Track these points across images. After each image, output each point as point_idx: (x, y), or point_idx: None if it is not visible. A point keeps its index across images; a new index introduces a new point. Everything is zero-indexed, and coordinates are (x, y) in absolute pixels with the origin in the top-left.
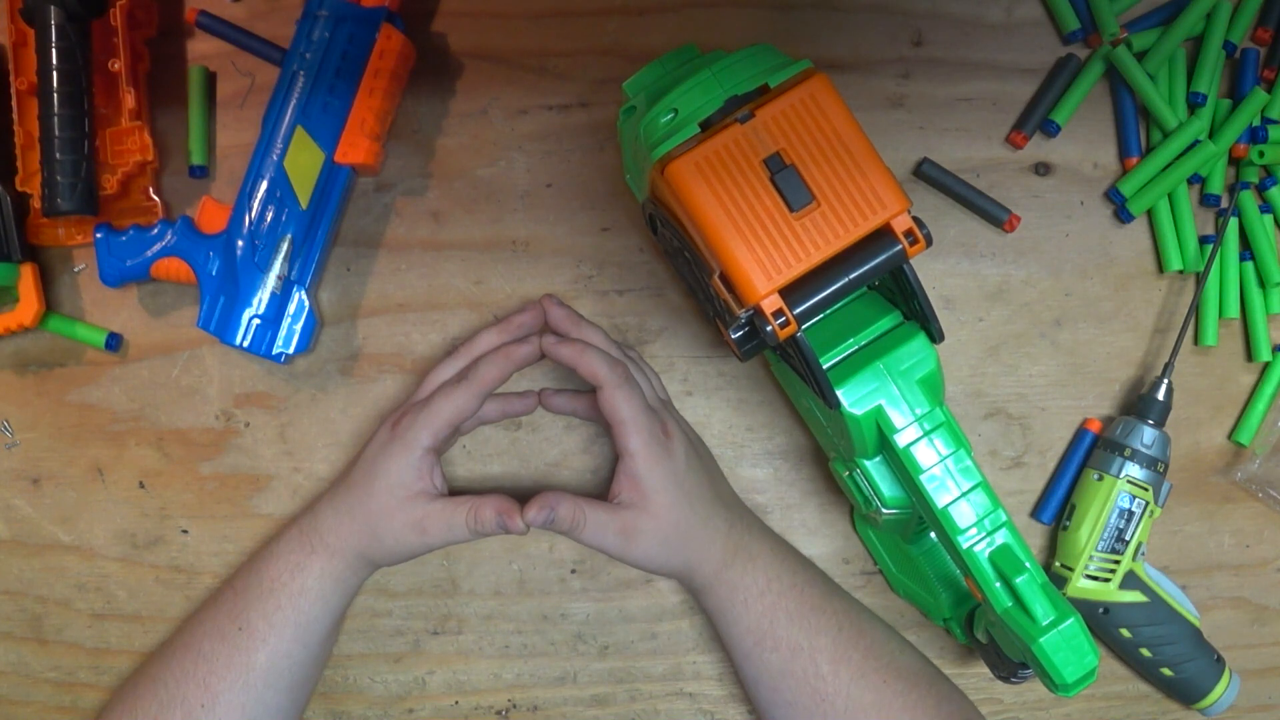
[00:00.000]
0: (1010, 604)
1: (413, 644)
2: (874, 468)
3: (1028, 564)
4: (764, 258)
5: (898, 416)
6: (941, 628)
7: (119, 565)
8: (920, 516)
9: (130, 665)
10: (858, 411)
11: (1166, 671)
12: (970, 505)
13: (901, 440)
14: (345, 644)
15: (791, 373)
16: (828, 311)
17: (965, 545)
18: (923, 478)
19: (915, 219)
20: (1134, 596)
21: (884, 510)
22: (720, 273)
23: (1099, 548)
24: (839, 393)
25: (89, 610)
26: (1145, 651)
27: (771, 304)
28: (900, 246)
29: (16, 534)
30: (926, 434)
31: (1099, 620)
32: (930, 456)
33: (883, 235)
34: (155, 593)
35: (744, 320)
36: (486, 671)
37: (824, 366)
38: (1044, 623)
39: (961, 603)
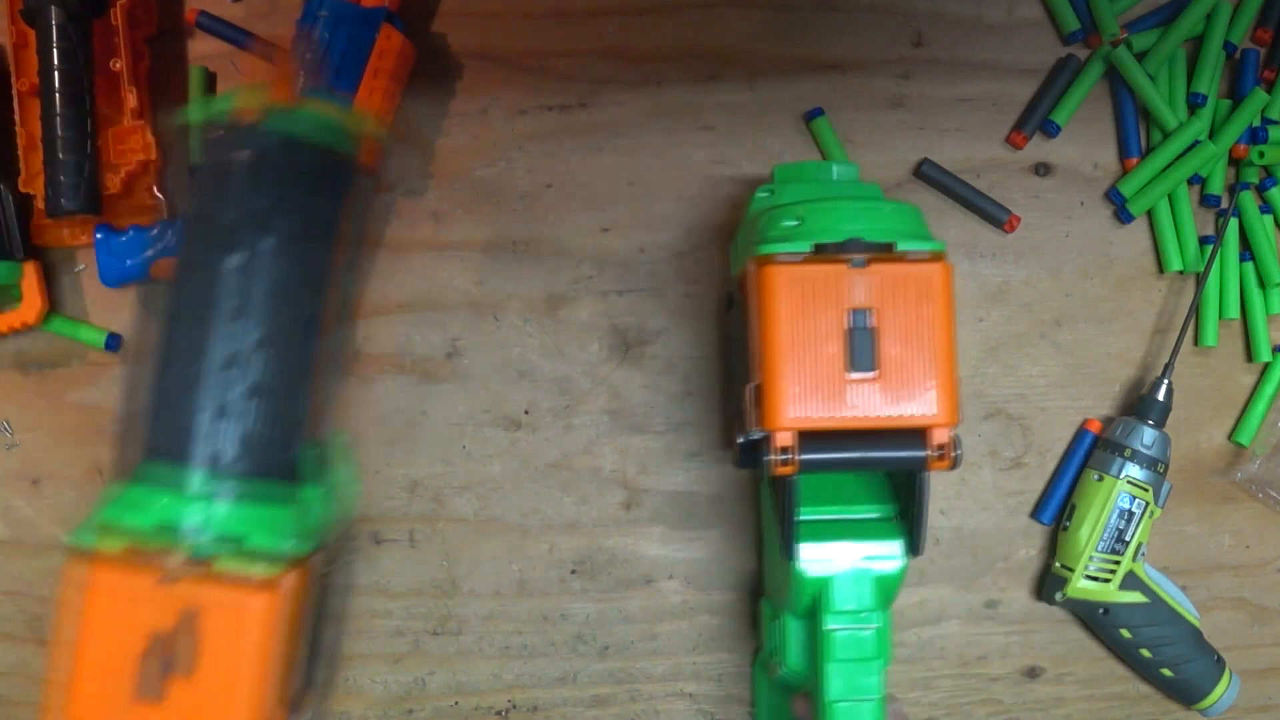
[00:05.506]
0: None
1: (413, 644)
2: (795, 629)
3: None
4: (802, 394)
5: (840, 599)
6: None
7: None
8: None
9: None
10: (806, 573)
11: (1166, 672)
12: (857, 716)
13: (830, 623)
14: (345, 644)
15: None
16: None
17: None
18: (830, 665)
19: (954, 439)
20: (1134, 597)
21: (781, 671)
22: (757, 384)
23: (1099, 548)
24: (798, 547)
25: None
26: (1145, 652)
27: (785, 438)
28: (925, 455)
29: (16, 534)
30: (855, 630)
31: (1099, 621)
32: (848, 652)
33: (916, 435)
34: None
35: (754, 436)
36: (486, 672)
37: (798, 518)
38: None
39: None
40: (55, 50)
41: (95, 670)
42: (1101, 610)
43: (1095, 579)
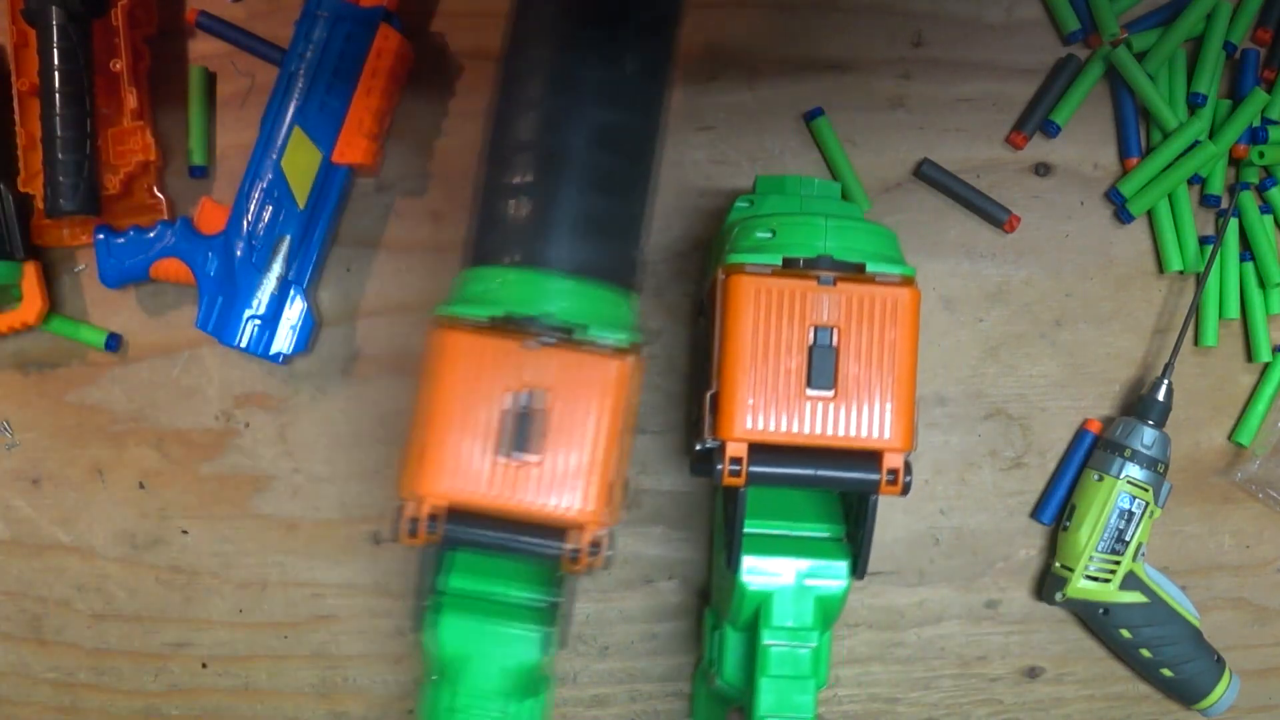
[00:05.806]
0: None
1: (413, 644)
2: (734, 641)
3: None
4: (758, 406)
5: (780, 615)
6: None
7: (119, 565)
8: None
9: (130, 666)
10: (749, 586)
11: (1166, 672)
12: None
13: (768, 638)
14: (345, 644)
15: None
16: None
17: None
18: (764, 680)
19: (906, 465)
20: (1134, 597)
21: (718, 681)
22: (715, 393)
23: (1099, 548)
24: (744, 559)
25: (89, 610)
26: (1145, 652)
27: (737, 449)
28: (877, 478)
29: (16, 534)
30: (792, 647)
31: (1099, 621)
32: (783, 668)
33: (870, 457)
34: (155, 593)
35: (709, 445)
36: None
37: (745, 530)
38: None
39: None
40: (55, 50)
41: (462, 426)
42: (1101, 610)
43: (1095, 579)
